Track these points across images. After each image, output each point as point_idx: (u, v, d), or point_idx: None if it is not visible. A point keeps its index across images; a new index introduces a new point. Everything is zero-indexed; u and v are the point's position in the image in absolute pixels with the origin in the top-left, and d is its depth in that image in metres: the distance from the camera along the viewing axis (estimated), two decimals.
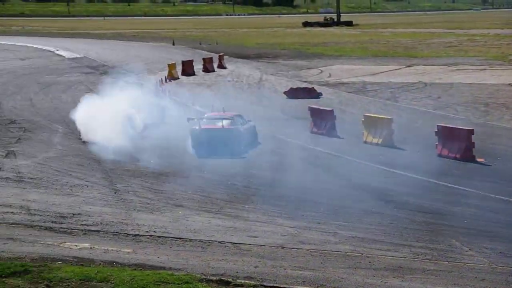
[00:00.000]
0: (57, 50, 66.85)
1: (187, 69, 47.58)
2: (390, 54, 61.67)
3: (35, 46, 71.76)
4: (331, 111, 26.85)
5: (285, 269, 11.77)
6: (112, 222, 15.17)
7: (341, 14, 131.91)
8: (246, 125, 24.37)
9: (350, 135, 25.74)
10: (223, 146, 22.57)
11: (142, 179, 19.58)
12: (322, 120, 26.70)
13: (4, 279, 10.71)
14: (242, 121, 24.30)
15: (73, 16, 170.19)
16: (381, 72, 47.72)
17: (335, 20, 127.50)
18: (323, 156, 23.04)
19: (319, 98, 35.93)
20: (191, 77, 46.09)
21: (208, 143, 22.75)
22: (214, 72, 49.36)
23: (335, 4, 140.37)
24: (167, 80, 42.80)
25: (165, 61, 46.06)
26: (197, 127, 22.99)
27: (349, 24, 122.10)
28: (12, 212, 15.70)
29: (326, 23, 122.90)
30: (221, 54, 54.89)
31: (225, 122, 23.42)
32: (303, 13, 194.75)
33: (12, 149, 22.94)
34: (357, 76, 45.58)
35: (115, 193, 17.96)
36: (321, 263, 12.44)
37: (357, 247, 13.61)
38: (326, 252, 13.26)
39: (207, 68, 49.85)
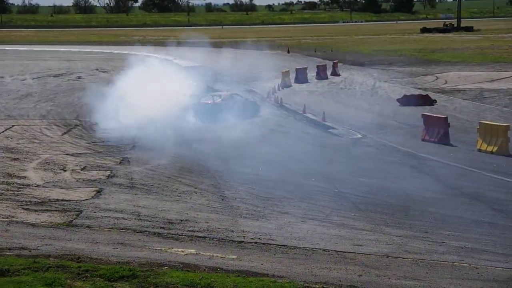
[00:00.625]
0: (175, 59, 68.47)
1: (300, 76, 47.67)
2: None
3: (154, 55, 73.84)
4: (445, 118, 26.22)
5: (389, 278, 11.50)
6: (218, 228, 15.32)
7: (462, 20, 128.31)
8: (238, 101, 32.18)
9: (463, 143, 25.05)
10: (214, 116, 30.34)
11: (250, 186, 19.72)
12: (434, 127, 26.12)
13: (112, 283, 10.95)
14: (235, 98, 32.49)
15: (193, 25, 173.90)
16: (500, 79, 46.15)
17: (455, 25, 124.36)
18: (433, 164, 22.48)
19: (433, 105, 35.16)
20: (304, 85, 46.14)
21: (204, 113, 31.00)
22: (327, 80, 49.21)
23: (456, 9, 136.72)
24: (280, 88, 43.06)
25: (279, 69, 46.29)
26: (197, 102, 31.73)
27: (469, 29, 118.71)
28: (123, 218, 16.14)
29: (445, 29, 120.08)
30: (335, 61, 54.68)
31: (216, 98, 32.27)
32: (422, 19, 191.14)
33: (126, 155, 23.67)
34: (474, 83, 44.25)
35: (222, 200, 18.16)
36: (427, 273, 12.07)
37: (465, 258, 13.14)
38: (432, 262, 12.86)
39: (321, 75, 49.78)
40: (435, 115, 27.29)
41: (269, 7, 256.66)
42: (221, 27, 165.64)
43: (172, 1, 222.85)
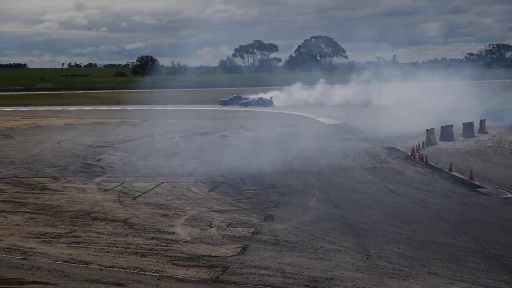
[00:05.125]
0: (318, 117, 69.12)
1: (446, 134, 46.64)
2: None
3: (297, 113, 74.90)
4: None
5: None
6: None
7: None
8: None
9: None
10: None
11: (395, 245, 19.33)
12: None
13: None
14: None
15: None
16: None
17: None
18: None
19: None
20: (450, 143, 45.06)
21: None
22: (474, 137, 47.81)
23: None
24: (424, 146, 42.30)
25: (423, 127, 45.53)
26: None
27: None
28: (268, 275, 16.23)
29: None
30: (482, 119, 53.11)
31: None
32: None
33: (270, 213, 23.90)
34: None
35: (367, 258, 17.89)
36: None
37: None
38: None
39: (467, 133, 48.47)
40: None
41: None
42: None
43: (315, 60, 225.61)
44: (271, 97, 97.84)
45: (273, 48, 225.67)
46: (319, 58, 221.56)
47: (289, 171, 33.58)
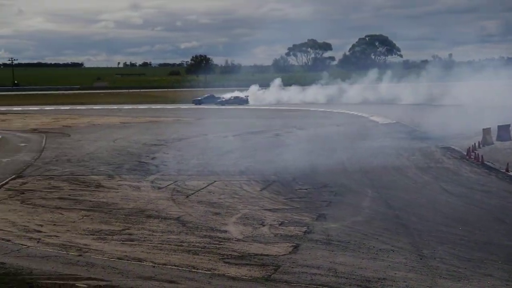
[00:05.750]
0: (371, 116, 68.61)
1: (503, 134, 45.68)
2: None
3: (351, 112, 74.47)
4: None
5: None
6: None
7: None
8: None
9: None
10: None
11: (450, 245, 19.07)
12: None
13: None
14: None
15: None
16: None
17: None
18: None
19: None
20: (507, 142, 44.12)
21: None
22: None
23: None
24: (480, 145, 41.58)
25: (480, 126, 44.73)
26: None
27: None
28: (320, 274, 16.20)
29: None
30: None
31: None
32: None
33: (322, 212, 23.82)
34: None
35: (421, 259, 17.69)
36: None
37: None
38: None
39: None
40: None
41: None
42: None
43: (369, 59, 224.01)
44: (247, 96, 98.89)
45: (327, 47, 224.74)
46: (373, 56, 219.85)
47: (342, 170, 33.41)
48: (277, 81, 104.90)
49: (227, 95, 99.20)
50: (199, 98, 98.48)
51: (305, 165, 34.21)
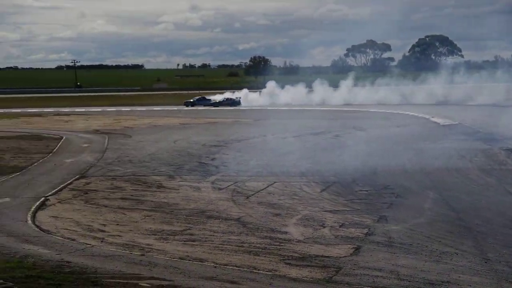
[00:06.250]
0: (432, 117, 67.69)
1: None
2: None
3: (411, 113, 73.56)
4: None
5: None
6: None
7: None
8: None
9: None
10: None
11: None
12: None
13: None
14: None
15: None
16: None
17: None
18: None
19: None
20: None
21: None
22: None
23: None
24: None
25: None
26: None
27: None
28: (382, 276, 16.07)
29: None
30: None
31: None
32: None
33: (384, 214, 23.59)
34: None
35: (485, 262, 17.38)
36: None
37: None
38: None
39: None
40: None
41: None
42: None
43: (430, 59, 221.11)
44: (239, 98, 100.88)
45: (386, 47, 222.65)
46: (433, 57, 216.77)
47: (402, 172, 33.02)
48: (350, 80, 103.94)
49: (219, 97, 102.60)
50: (191, 100, 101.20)
51: (365, 167, 33.97)
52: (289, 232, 21.06)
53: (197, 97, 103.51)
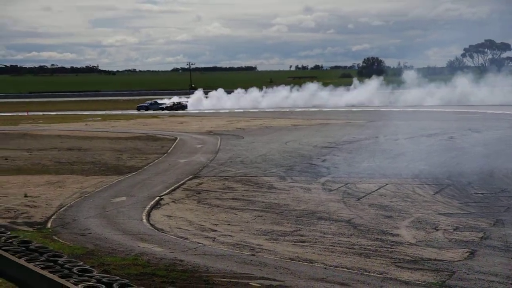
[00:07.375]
0: None
1: None
2: None
3: None
4: None
5: None
6: None
7: None
8: None
9: None
10: None
11: None
12: None
13: None
14: None
15: None
16: None
17: None
18: None
19: None
20: None
21: None
22: None
23: None
24: None
25: None
26: None
27: None
28: (498, 282, 15.64)
29: None
30: None
31: None
32: None
33: (500, 217, 22.80)
34: None
35: None
36: None
37: None
38: None
39: None
40: None
41: None
42: None
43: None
44: (186, 102, 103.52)
45: (506, 47, 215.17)
46: None
47: None
48: (465, 79, 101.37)
49: (168, 101, 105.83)
50: (145, 105, 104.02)
51: (481, 169, 32.97)
52: (400, 234, 20.72)
53: (150, 102, 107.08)
